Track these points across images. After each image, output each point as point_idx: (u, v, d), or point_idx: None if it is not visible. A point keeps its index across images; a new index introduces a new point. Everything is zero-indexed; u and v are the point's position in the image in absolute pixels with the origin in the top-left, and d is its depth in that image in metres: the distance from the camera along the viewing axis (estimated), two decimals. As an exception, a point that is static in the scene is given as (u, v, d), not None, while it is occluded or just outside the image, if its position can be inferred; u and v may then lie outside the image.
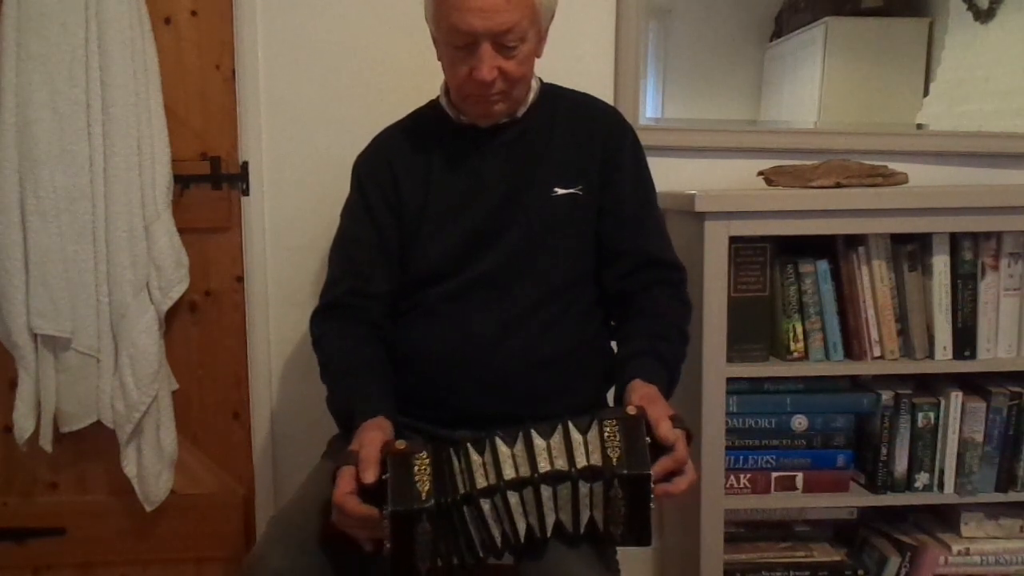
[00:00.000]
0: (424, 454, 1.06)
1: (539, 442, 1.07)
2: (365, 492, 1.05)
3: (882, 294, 1.59)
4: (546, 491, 1.05)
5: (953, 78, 1.92)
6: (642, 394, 1.14)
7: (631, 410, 1.07)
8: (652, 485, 1.03)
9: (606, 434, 1.05)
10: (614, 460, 1.03)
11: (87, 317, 1.71)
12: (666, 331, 1.29)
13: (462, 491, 1.05)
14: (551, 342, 1.30)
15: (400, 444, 1.07)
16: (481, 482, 1.05)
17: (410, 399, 1.33)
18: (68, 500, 1.89)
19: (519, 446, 1.07)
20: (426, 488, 1.03)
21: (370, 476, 1.05)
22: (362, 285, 1.35)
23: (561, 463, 1.05)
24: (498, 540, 1.07)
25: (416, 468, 1.04)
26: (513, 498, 1.05)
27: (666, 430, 1.07)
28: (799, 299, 1.59)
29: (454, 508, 1.04)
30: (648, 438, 1.06)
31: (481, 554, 1.07)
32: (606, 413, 1.09)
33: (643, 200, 1.38)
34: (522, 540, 1.07)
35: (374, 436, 1.10)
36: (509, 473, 1.05)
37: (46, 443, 1.76)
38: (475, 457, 1.07)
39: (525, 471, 1.05)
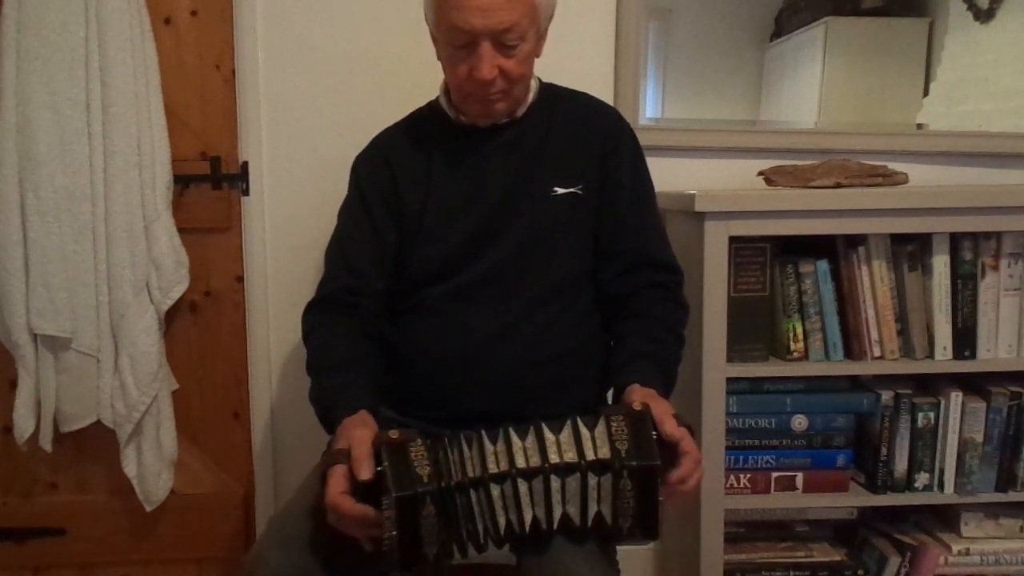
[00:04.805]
0: (419, 442, 1.07)
1: (549, 436, 1.09)
2: (359, 490, 1.05)
3: (882, 294, 1.59)
4: (555, 482, 1.07)
5: (953, 78, 1.92)
6: (643, 394, 1.15)
7: (637, 406, 1.09)
8: (660, 478, 1.05)
9: (613, 428, 1.07)
10: (623, 452, 1.05)
11: (87, 317, 1.71)
12: (661, 334, 1.29)
13: (471, 475, 1.06)
14: (551, 341, 1.30)
15: (394, 433, 1.08)
16: (493, 468, 1.07)
17: (410, 399, 1.33)
18: (68, 500, 1.89)
19: (530, 439, 1.09)
20: (426, 472, 1.04)
21: (366, 473, 1.04)
22: (356, 282, 1.35)
23: (571, 456, 1.07)
24: (502, 528, 1.08)
25: (413, 455, 1.06)
26: (523, 487, 1.06)
27: (671, 427, 1.08)
28: (799, 299, 1.59)
29: (457, 491, 1.06)
30: (654, 433, 1.07)
31: (483, 541, 1.08)
32: (612, 409, 1.11)
33: (641, 200, 1.37)
34: (527, 530, 1.08)
35: (362, 434, 1.10)
36: (521, 463, 1.07)
37: (46, 443, 1.76)
38: (488, 445, 1.09)
39: (536, 462, 1.07)
